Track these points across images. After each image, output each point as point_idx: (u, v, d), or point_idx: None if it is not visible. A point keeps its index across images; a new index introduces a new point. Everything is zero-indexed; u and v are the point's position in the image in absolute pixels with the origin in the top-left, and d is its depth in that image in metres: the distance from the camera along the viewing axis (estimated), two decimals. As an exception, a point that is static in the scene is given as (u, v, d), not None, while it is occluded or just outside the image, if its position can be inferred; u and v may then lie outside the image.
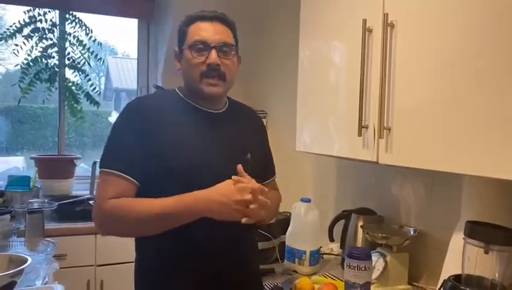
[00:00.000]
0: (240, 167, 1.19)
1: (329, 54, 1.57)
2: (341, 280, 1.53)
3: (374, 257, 1.50)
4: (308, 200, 1.72)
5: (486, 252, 1.02)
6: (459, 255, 1.13)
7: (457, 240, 1.21)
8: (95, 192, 1.26)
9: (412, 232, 1.57)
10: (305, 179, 2.32)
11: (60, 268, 1.80)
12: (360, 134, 1.34)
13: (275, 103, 2.66)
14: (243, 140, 1.33)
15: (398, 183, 1.72)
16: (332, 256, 1.88)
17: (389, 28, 1.24)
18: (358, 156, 1.38)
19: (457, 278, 1.07)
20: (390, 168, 1.76)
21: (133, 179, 1.17)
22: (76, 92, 2.90)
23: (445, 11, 1.09)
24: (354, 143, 1.38)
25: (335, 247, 1.90)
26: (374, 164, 1.33)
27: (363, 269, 1.30)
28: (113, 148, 1.20)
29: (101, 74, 4.67)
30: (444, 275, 1.20)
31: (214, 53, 1.22)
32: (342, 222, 1.79)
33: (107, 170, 1.17)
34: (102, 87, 4.10)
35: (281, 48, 2.55)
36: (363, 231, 1.61)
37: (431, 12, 1.13)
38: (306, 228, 1.69)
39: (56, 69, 2.85)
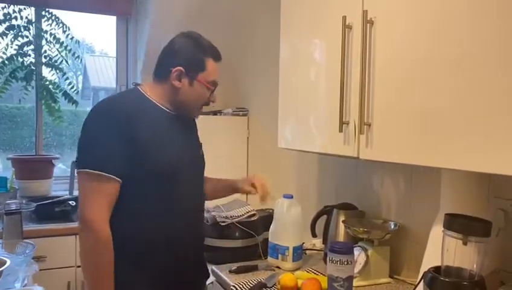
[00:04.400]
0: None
1: (309, 51, 1.58)
2: (324, 275, 1.55)
3: (356, 251, 1.52)
4: (291, 197, 1.73)
5: (464, 244, 1.04)
6: (439, 247, 1.15)
7: (436, 232, 1.24)
8: (79, 194, 1.26)
9: (392, 226, 1.60)
10: (288, 175, 2.33)
11: (40, 270, 1.77)
12: (341, 130, 1.36)
13: (256, 101, 2.66)
14: (195, 139, 1.51)
15: (379, 178, 1.75)
16: (315, 251, 1.90)
17: (368, 24, 1.25)
18: (340, 151, 1.40)
19: (437, 269, 1.09)
20: (371, 164, 1.79)
21: (118, 179, 1.24)
22: (53, 90, 2.84)
23: (423, 8, 1.11)
24: (335, 139, 1.39)
25: (317, 242, 1.92)
26: (355, 159, 1.35)
27: (345, 263, 1.32)
28: (94, 149, 1.25)
29: (79, 73, 4.59)
30: (424, 267, 1.22)
31: (215, 93, 1.43)
32: (324, 217, 1.81)
33: (92, 171, 1.22)
34: (80, 86, 4.03)
35: (262, 45, 2.56)
36: (345, 226, 1.63)
37: (410, 9, 1.15)
38: (289, 224, 1.70)
39: (32, 67, 2.78)
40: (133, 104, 1.32)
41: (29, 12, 2.76)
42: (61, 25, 2.82)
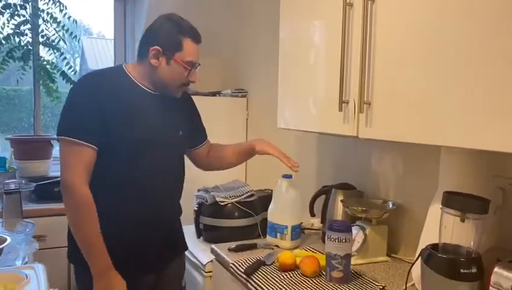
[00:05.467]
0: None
1: (310, 30, 1.57)
2: (322, 253, 1.56)
3: (354, 230, 1.54)
4: (290, 177, 1.73)
5: (462, 221, 1.05)
6: (436, 226, 1.17)
7: (434, 210, 1.24)
8: (60, 159, 1.38)
9: (390, 206, 1.61)
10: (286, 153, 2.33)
11: (40, 249, 1.79)
12: (340, 109, 1.35)
13: (256, 82, 2.65)
14: (177, 119, 1.52)
15: (378, 158, 1.75)
16: (313, 231, 1.91)
17: (369, 2, 1.24)
18: (339, 131, 1.40)
19: (434, 246, 1.10)
20: (370, 143, 1.79)
21: (95, 147, 1.34)
22: (51, 70, 2.82)
23: (425, -16, 1.10)
24: (334, 118, 1.39)
25: (316, 222, 1.93)
26: (354, 138, 1.35)
27: (343, 241, 1.33)
28: (74, 118, 1.35)
29: (76, 55, 4.55)
30: (422, 244, 1.23)
31: (196, 73, 1.46)
32: (323, 197, 1.82)
33: (69, 138, 1.32)
34: (78, 68, 4.00)
35: (262, 26, 2.53)
36: (343, 205, 1.64)
37: (411, -14, 1.14)
38: (287, 204, 1.71)
39: (30, 47, 2.76)
40: (113, 80, 1.41)
41: (26, -10, 2.73)
42: (58, 3, 2.79)
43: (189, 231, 2.00)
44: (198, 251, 1.90)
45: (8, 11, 2.69)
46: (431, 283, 1.07)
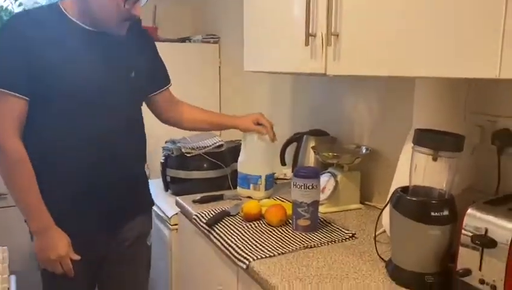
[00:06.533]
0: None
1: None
2: (290, 202, 1.47)
3: (325, 177, 1.45)
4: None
5: (434, 160, 0.95)
6: (408, 168, 1.07)
7: (406, 151, 1.14)
8: None
9: (364, 151, 1.52)
10: (261, 103, 2.21)
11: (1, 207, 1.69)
12: (307, 43, 1.21)
13: (228, 27, 2.47)
14: (128, 59, 1.34)
15: (352, 102, 1.64)
16: (286, 181, 1.82)
17: None
18: (306, 68, 1.27)
19: (404, 189, 1.01)
20: (343, 86, 1.66)
21: (24, 97, 1.18)
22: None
23: None
24: (301, 54, 1.26)
25: (288, 172, 1.84)
26: (326, 81, 1.23)
27: (310, 187, 1.24)
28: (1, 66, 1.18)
29: None
30: (393, 188, 1.15)
31: (140, 7, 1.25)
32: (295, 145, 1.72)
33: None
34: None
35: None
36: (314, 152, 1.54)
37: None
38: (260, 153, 1.59)
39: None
40: (43, 20, 1.22)
41: None
42: None
43: (157, 184, 1.91)
44: (164, 203, 1.81)
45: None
46: (400, 228, 0.98)
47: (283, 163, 1.73)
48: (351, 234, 1.24)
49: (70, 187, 1.25)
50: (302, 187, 1.23)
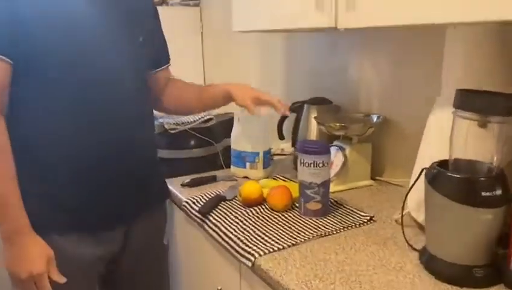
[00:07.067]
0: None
1: None
2: (294, 181, 1.29)
3: (332, 152, 1.26)
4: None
5: (482, 126, 0.77)
6: (440, 137, 0.90)
7: (437, 118, 0.96)
8: None
9: (375, 119, 1.33)
10: (248, 72, 2.00)
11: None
12: (312, -9, 1.01)
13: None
14: (137, 21, 1.08)
15: (356, 63, 1.44)
16: (284, 157, 1.64)
17: None
18: (309, 22, 1.06)
19: (442, 164, 0.83)
20: (349, 44, 1.46)
21: (7, 59, 0.90)
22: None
23: None
24: (303, 6, 1.05)
25: (286, 146, 1.65)
26: (330, 36, 1.02)
27: (320, 165, 1.05)
28: None
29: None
30: (420, 163, 0.97)
31: None
32: (294, 116, 1.52)
33: None
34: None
35: None
36: (318, 123, 1.35)
37: None
38: (256, 127, 1.40)
39: None
40: None
41: None
42: None
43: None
44: (148, 188, 1.60)
45: None
46: (439, 211, 0.81)
47: (281, 137, 1.54)
48: (368, 217, 1.07)
49: (56, 180, 0.99)
50: (312, 165, 1.04)
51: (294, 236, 0.98)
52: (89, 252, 1.01)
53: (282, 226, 1.03)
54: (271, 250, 0.92)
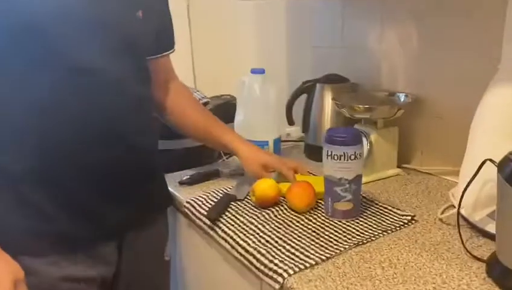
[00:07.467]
0: None
1: None
2: (313, 174, 1.12)
3: (356, 138, 1.08)
4: (262, 71, 1.22)
5: None
6: (503, 121, 0.72)
7: (497, 97, 0.79)
8: None
9: (402, 99, 1.15)
10: (245, 50, 1.79)
11: None
12: None
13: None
14: None
15: (376, 32, 1.25)
16: (291, 143, 1.46)
17: None
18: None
19: (516, 154, 0.66)
20: (362, 11, 1.27)
21: None
22: None
23: None
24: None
25: (294, 131, 1.46)
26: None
27: (352, 157, 0.88)
28: None
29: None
30: (474, 153, 0.80)
31: None
32: (303, 97, 1.33)
33: None
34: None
35: None
36: (336, 105, 1.16)
37: None
38: (264, 111, 1.22)
39: None
40: None
41: None
42: None
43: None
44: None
45: None
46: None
47: (290, 122, 1.35)
48: (409, 217, 0.90)
49: (60, 178, 0.81)
50: (343, 158, 0.86)
51: (326, 246, 0.81)
52: (72, 275, 0.82)
53: (309, 233, 0.86)
54: (302, 267, 0.74)
